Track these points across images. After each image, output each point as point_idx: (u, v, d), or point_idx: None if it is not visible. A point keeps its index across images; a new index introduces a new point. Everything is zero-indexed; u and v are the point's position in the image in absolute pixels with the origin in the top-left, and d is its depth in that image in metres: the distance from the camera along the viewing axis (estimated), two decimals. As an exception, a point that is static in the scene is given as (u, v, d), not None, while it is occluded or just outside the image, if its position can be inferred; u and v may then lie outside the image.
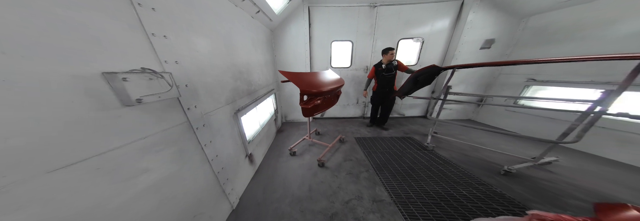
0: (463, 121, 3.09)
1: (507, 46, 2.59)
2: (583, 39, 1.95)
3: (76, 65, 0.47)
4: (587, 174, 1.65)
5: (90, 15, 0.50)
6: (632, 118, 1.07)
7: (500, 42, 2.56)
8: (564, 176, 1.61)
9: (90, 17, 0.50)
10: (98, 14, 0.52)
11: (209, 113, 1.05)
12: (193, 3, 0.94)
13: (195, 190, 0.94)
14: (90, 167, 0.49)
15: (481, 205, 1.29)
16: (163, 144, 0.73)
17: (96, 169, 0.50)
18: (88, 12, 0.49)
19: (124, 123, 0.58)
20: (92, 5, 0.50)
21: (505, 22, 2.42)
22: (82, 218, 0.48)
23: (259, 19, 1.96)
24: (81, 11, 0.48)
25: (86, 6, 0.49)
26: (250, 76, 1.72)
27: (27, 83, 0.39)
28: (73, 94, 0.46)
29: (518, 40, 2.50)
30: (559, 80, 2.10)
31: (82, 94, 0.47)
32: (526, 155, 1.79)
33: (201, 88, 0.98)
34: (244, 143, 1.54)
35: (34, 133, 0.40)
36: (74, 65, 0.46)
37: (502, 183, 1.53)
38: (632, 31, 1.67)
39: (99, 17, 0.52)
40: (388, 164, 1.85)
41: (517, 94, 2.43)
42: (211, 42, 1.11)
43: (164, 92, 0.68)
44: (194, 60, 0.93)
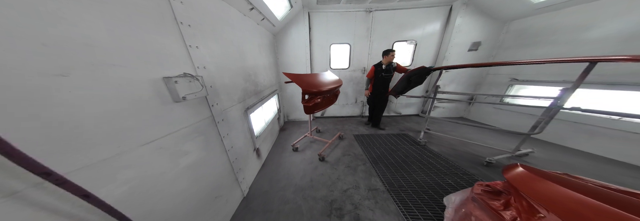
0: (455, 118, 3.30)
1: (492, 48, 2.82)
2: (557, 42, 2.17)
3: (149, 71, 0.66)
4: (559, 164, 1.85)
5: (154, 35, 0.69)
6: (584, 112, 1.28)
7: (486, 45, 2.79)
8: (539, 166, 1.83)
9: (154, 36, 0.69)
10: (158, 33, 0.71)
11: (226, 110, 1.24)
12: (214, 17, 1.14)
13: (217, 175, 1.13)
14: (157, 146, 0.68)
15: (463, 192, 1.50)
16: (196, 134, 0.92)
17: (160, 148, 0.69)
18: (153, 33, 0.69)
19: (175, 114, 0.77)
20: (154, 26, 0.69)
21: (490, 26, 2.65)
22: (155, 180, 0.67)
23: (264, 25, 2.16)
24: (150, 33, 0.67)
25: (151, 28, 0.68)
26: (256, 77, 1.91)
27: (124, 84, 0.58)
28: (149, 92, 0.65)
29: (502, 42, 2.73)
30: (535, 79, 2.32)
31: (153, 92, 0.67)
32: (507, 148, 2.00)
33: (221, 88, 1.17)
34: (252, 138, 1.73)
35: (129, 118, 0.59)
36: (148, 71, 0.66)
37: (484, 173, 1.73)
38: (601, 36, 1.89)
39: (159, 36, 0.71)
40: (383, 158, 2.05)
41: (503, 93, 2.65)
42: (227, 49, 1.30)
43: (198, 92, 0.88)
44: (215, 65, 1.12)
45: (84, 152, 0.47)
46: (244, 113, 1.54)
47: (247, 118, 1.59)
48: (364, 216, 1.31)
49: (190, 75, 0.83)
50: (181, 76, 0.78)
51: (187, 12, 0.86)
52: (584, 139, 1.99)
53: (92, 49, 0.50)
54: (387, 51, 2.37)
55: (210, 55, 1.06)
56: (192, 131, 0.89)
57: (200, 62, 0.94)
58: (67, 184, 0.40)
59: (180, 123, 0.81)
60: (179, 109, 0.79)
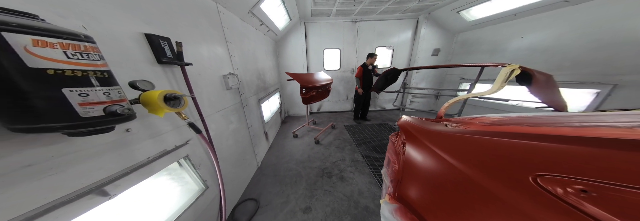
0: (427, 111, 3.92)
1: (447, 53, 3.49)
2: (483, 51, 2.85)
3: (218, 71, 1.20)
4: None
5: (218, 48, 1.24)
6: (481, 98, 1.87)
7: (444, 51, 3.47)
8: None
9: (218, 49, 1.24)
10: (219, 47, 1.25)
11: (247, 99, 1.78)
12: (240, 34, 1.69)
13: (243, 142, 1.66)
14: (222, 114, 1.22)
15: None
16: (234, 111, 1.46)
17: (223, 116, 1.23)
18: (217, 47, 1.23)
19: (227, 97, 1.31)
20: (217, 43, 1.24)
21: (445, 36, 3.33)
22: (222, 133, 1.21)
23: (268, 35, 2.72)
24: (216, 47, 1.22)
25: (217, 44, 1.23)
26: (265, 76, 2.46)
27: (211, 78, 1.12)
28: (219, 83, 1.20)
29: (453, 50, 3.42)
30: (471, 78, 2.96)
31: (220, 83, 1.21)
32: None
33: (245, 83, 1.72)
34: (262, 123, 2.26)
35: (214, 96, 1.12)
36: (219, 71, 1.20)
37: None
38: (515, 47, 2.49)
39: (220, 49, 1.26)
40: (366, 141, 2.61)
41: (456, 88, 3.30)
42: (247, 56, 1.85)
43: (236, 84, 1.42)
44: (242, 67, 1.66)
45: (204, 110, 1.01)
46: (258, 103, 2.08)
47: (260, 106, 2.13)
48: (347, 176, 1.86)
49: (232, 74, 1.37)
50: (229, 75, 1.32)
51: (230, 33, 1.41)
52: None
53: (203, 61, 1.04)
54: (372, 54, 2.91)
55: (239, 61, 1.61)
56: (233, 109, 1.42)
57: (236, 65, 1.48)
58: (203, 122, 0.93)
59: (229, 103, 1.35)
60: (228, 94, 1.34)
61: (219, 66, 1.24)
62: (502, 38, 2.61)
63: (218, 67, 1.22)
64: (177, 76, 0.84)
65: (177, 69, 0.84)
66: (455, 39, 3.32)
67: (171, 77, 0.81)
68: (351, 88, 3.98)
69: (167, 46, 0.75)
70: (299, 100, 3.97)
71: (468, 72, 3.14)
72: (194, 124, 0.71)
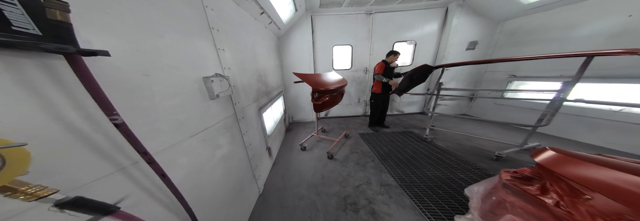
0: (458, 115, 3.43)
1: (488, 47, 2.99)
2: (548, 40, 2.34)
3: (194, 71, 0.76)
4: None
5: (196, 39, 0.80)
6: (588, 103, 1.39)
7: (483, 44, 2.96)
8: None
9: (196, 41, 0.80)
10: (198, 38, 0.82)
11: (244, 108, 1.34)
12: (234, 21, 1.25)
13: (240, 169, 1.21)
14: (201, 138, 0.78)
15: (477, 186, 1.56)
16: (225, 129, 1.01)
17: (203, 140, 0.79)
18: (195, 37, 0.79)
19: (211, 110, 0.87)
20: (195, 31, 0.80)
21: (484, 26, 2.83)
22: (201, 168, 0.77)
23: (270, 28, 2.29)
24: (192, 38, 0.78)
25: (194, 33, 0.79)
26: (266, 78, 2.02)
27: (180, 83, 0.68)
28: (195, 90, 0.75)
29: (497, 42, 2.90)
30: (534, 75, 2.48)
31: (197, 89, 0.77)
32: (513, 142, 2.10)
33: (240, 88, 1.28)
34: (265, 137, 1.82)
35: (183, 111, 0.69)
36: (196, 70, 0.76)
37: (494, 167, 1.79)
38: (589, 33, 2.05)
39: (199, 40, 0.82)
40: (391, 155, 2.14)
41: (503, 89, 2.79)
42: (244, 51, 1.41)
43: (226, 90, 0.98)
44: (236, 66, 1.23)
45: (160, 138, 0.57)
46: (258, 112, 1.64)
47: (260, 117, 1.69)
48: (380, 210, 1.38)
49: (221, 75, 0.93)
50: (215, 76, 0.89)
51: (216, 17, 0.97)
52: (586, 132, 2.10)
53: (160, 53, 0.60)
54: (394, 52, 2.44)
55: (232, 57, 1.17)
56: (222, 127, 0.98)
57: (226, 63, 1.04)
58: (154, 164, 0.49)
59: (215, 118, 0.91)
60: (214, 106, 0.89)
61: (196, 62, 0.80)
62: (576, 22, 2.08)
63: (193, 64, 0.78)
64: (64, 78, 0.37)
65: (59, 63, 0.36)
66: (500, 28, 2.80)
67: (45, 84, 0.34)
68: (364, 90, 3.53)
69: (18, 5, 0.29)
70: (305, 104, 3.55)
71: (524, 67, 2.57)
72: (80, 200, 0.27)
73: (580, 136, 2.19)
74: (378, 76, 2.48)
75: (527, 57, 1.48)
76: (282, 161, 2.15)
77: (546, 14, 2.33)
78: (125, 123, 0.41)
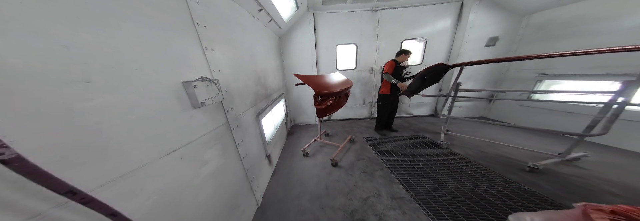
0: (474, 118, 3.17)
1: (511, 42, 2.71)
2: (588, 33, 2.04)
3: (169, 75, 0.62)
4: (618, 168, 1.63)
5: (173, 36, 0.66)
6: None
7: (505, 40, 2.69)
8: (595, 171, 1.58)
9: (173, 38, 0.66)
10: (177, 34, 0.68)
11: (239, 115, 1.21)
12: (227, 18, 1.12)
13: (234, 183, 1.08)
14: (179, 156, 0.64)
15: (510, 203, 1.27)
16: (214, 141, 0.88)
17: (182, 158, 0.65)
18: (172, 34, 0.66)
19: (194, 121, 0.73)
20: (172, 27, 0.67)
21: (507, 20, 2.56)
22: (178, 191, 0.63)
23: (270, 27, 2.16)
24: (169, 34, 0.64)
25: (170, 29, 0.65)
26: (266, 80, 1.89)
27: (146, 90, 0.54)
28: (170, 98, 0.62)
29: (522, 37, 2.62)
30: (571, 74, 2.15)
31: (174, 98, 0.63)
32: (549, 151, 1.80)
33: (235, 93, 1.14)
34: (264, 144, 1.68)
35: (152, 126, 0.55)
36: (168, 75, 0.62)
37: (528, 180, 1.53)
38: (636, 25, 1.74)
39: (178, 37, 0.68)
40: (402, 162, 1.95)
41: (530, 89, 2.49)
42: (240, 51, 1.28)
43: (215, 97, 0.84)
44: (229, 68, 1.09)
45: (110, 164, 0.43)
46: (256, 118, 1.51)
47: (259, 123, 1.56)
48: (392, 228, 1.22)
49: (208, 79, 0.79)
50: (199, 80, 0.75)
51: (203, 12, 0.84)
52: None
53: (112, 52, 0.46)
54: (406, 51, 2.25)
55: (225, 57, 1.04)
56: (210, 139, 0.84)
57: (216, 65, 0.91)
58: (93, 202, 0.35)
59: (200, 130, 0.77)
60: (198, 116, 0.76)
61: (172, 64, 0.66)
62: (621, 12, 1.79)
63: (169, 66, 0.64)
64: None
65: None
66: (525, 22, 2.53)
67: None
68: (369, 91, 3.36)
69: None
70: (308, 106, 3.40)
71: (557, 65, 2.26)
72: None
73: (635, 145, 1.81)
74: (387, 76, 2.30)
75: (570, 53, 1.18)
76: (283, 169, 2.01)
77: (583, 4, 2.05)
78: (23, 156, 0.27)
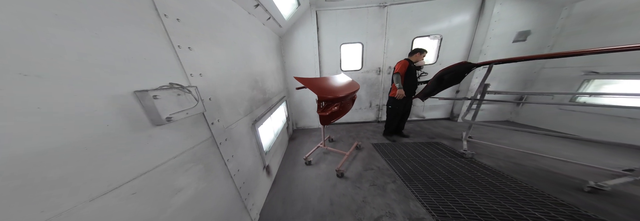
0: (499, 122, 2.84)
1: (547, 36, 2.38)
2: None
3: (110, 84, 0.45)
4: None
5: (121, 30, 0.49)
6: None
7: (538, 34, 2.36)
8: None
9: (120, 32, 0.49)
10: (128, 28, 0.51)
11: (230, 126, 1.03)
12: (213, 13, 0.95)
13: (222, 207, 0.90)
14: (127, 192, 0.46)
15: (572, 234, 1.05)
16: (191, 163, 0.70)
17: (133, 194, 0.47)
18: (119, 26, 0.48)
19: (155, 143, 0.55)
20: (122, 19, 0.49)
21: (541, 11, 2.23)
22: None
23: (270, 25, 1.98)
24: (115, 26, 0.47)
25: (118, 20, 0.48)
26: (264, 84, 1.71)
27: (62, 108, 0.37)
28: (109, 117, 0.44)
29: (561, 29, 2.28)
30: (632, 72, 1.76)
31: (117, 115, 0.45)
32: (608, 166, 1.48)
33: (224, 100, 0.96)
34: (261, 155, 1.50)
35: (71, 162, 0.37)
36: (108, 84, 0.45)
37: (590, 204, 1.23)
38: None
39: (129, 32, 0.51)
40: (418, 174, 1.72)
41: (573, 90, 2.13)
42: (231, 52, 1.10)
43: (191, 108, 0.66)
44: (217, 71, 0.92)
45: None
46: (252, 127, 1.33)
47: (255, 132, 1.38)
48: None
49: (179, 86, 0.62)
50: (165, 88, 0.57)
51: (175, 2, 0.66)
52: None
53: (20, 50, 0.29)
54: (420, 49, 2.04)
55: (209, 59, 0.86)
56: (185, 161, 0.67)
57: (194, 68, 0.73)
58: None
59: (167, 153, 0.59)
60: (162, 135, 0.58)
61: (115, 66, 0.48)
62: None
63: (108, 69, 0.46)
64: None
65: None
66: (565, 12, 2.19)
67: None
68: (376, 93, 3.14)
69: None
70: (310, 109, 3.17)
71: (611, 61, 1.87)
72: None
73: None
74: (395, 77, 2.07)
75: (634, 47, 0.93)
76: (284, 180, 1.83)
77: None
78: None
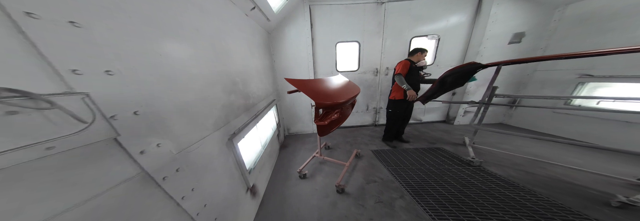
0: (493, 125, 2.73)
1: (540, 38, 2.28)
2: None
3: None
4: None
5: None
6: None
7: (532, 35, 2.25)
8: None
9: None
10: None
11: (188, 149, 0.68)
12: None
13: None
14: None
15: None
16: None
17: None
18: None
19: None
20: None
21: (535, 13, 2.14)
22: None
23: (255, 17, 1.63)
24: None
25: None
26: (247, 86, 1.36)
27: None
28: None
29: (553, 32, 2.20)
30: (628, 75, 1.69)
31: None
32: (621, 174, 1.35)
33: (172, 112, 0.61)
34: (243, 175, 1.15)
35: None
36: None
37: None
38: None
39: None
40: (427, 187, 1.46)
41: (568, 93, 2.06)
42: (191, 43, 0.75)
43: (61, 137, 0.31)
44: (157, 69, 0.57)
45: None
46: (228, 144, 0.98)
47: (234, 148, 1.03)
48: None
49: (24, 94, 0.27)
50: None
51: None
52: None
53: None
54: (421, 49, 1.82)
55: (139, 48, 0.51)
56: None
57: (85, 58, 0.38)
58: None
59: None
60: None
61: None
62: None
63: None
64: None
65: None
66: (559, 14, 2.11)
67: None
68: (373, 95, 2.87)
69: None
70: (304, 113, 2.79)
71: (605, 64, 1.82)
72: None
73: None
74: (399, 78, 1.81)
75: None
76: (274, 199, 1.48)
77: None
78: None
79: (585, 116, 1.95)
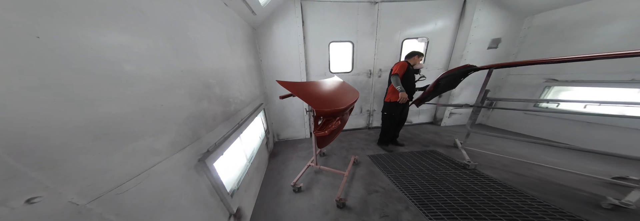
0: (475, 126, 2.74)
1: (512, 44, 2.34)
2: (604, 35, 1.72)
3: None
4: None
5: None
6: None
7: (506, 42, 2.30)
8: None
9: None
10: None
11: (115, 191, 0.41)
12: None
13: None
14: None
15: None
16: None
17: None
18: None
19: None
20: None
21: (508, 20, 2.18)
22: None
23: (237, 8, 1.35)
24: None
25: None
26: (226, 90, 1.08)
27: None
28: None
29: (524, 38, 2.27)
30: (586, 80, 1.82)
31: None
32: (597, 173, 1.37)
33: (74, 137, 0.34)
34: (223, 201, 0.88)
35: None
36: None
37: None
38: None
39: None
40: (430, 195, 1.32)
41: (537, 96, 2.14)
42: (123, 28, 0.47)
43: None
44: (30, 61, 0.29)
45: None
46: (197, 166, 0.70)
47: (208, 171, 0.75)
48: None
49: None
50: None
51: None
52: None
53: None
54: (418, 53, 1.72)
55: None
56: None
57: None
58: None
59: None
60: None
61: None
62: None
63: None
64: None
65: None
66: (528, 23, 2.17)
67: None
68: (366, 97, 2.72)
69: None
70: (295, 117, 2.49)
71: (569, 69, 1.91)
72: None
73: None
74: (394, 79, 1.67)
75: (597, 56, 0.96)
76: (264, 219, 1.22)
77: (599, 2, 1.72)
78: None
79: (552, 117, 2.05)
